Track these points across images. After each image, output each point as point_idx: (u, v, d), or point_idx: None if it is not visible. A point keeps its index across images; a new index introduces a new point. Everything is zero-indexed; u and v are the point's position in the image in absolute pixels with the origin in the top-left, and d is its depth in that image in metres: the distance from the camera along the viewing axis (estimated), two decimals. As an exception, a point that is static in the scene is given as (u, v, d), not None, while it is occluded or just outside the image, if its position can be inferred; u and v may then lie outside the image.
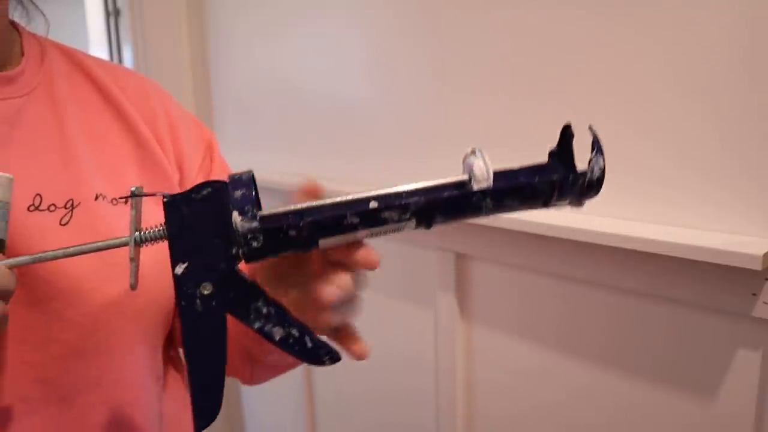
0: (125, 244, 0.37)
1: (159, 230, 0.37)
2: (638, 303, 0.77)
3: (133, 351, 0.51)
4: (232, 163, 0.68)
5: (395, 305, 1.12)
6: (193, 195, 0.36)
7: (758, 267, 0.60)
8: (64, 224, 0.48)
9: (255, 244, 0.35)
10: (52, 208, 0.48)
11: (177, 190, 0.57)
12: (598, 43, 0.75)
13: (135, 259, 0.37)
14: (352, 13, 1.09)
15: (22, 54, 0.52)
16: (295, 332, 0.38)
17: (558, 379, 0.88)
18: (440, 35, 0.94)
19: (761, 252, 0.60)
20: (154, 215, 0.50)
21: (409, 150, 1.02)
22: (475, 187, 0.36)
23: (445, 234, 0.97)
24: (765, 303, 0.64)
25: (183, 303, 0.37)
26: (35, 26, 0.57)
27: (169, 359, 0.59)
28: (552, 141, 0.39)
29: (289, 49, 1.27)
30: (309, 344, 0.38)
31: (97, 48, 1.71)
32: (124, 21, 1.56)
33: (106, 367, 0.49)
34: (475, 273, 0.96)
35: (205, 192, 0.36)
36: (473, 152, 0.38)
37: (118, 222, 0.51)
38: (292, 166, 1.33)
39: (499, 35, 0.85)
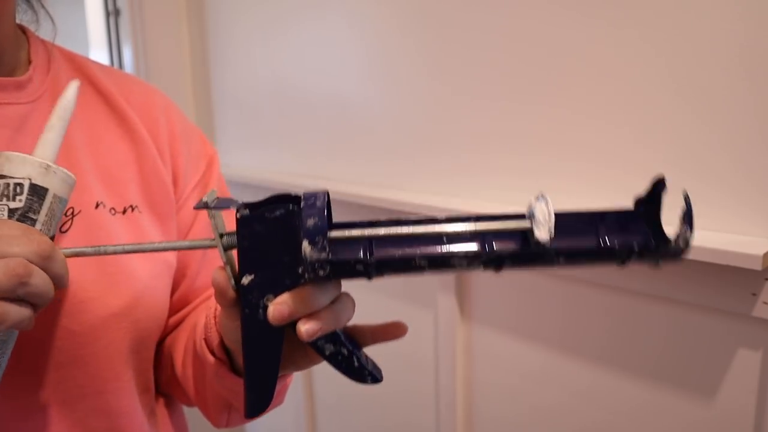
0: (212, 246, 0.39)
1: (233, 240, 0.39)
2: (638, 303, 0.77)
3: (129, 361, 0.52)
4: (232, 162, 0.68)
5: (395, 305, 1.12)
6: (266, 214, 0.37)
7: (758, 267, 0.60)
8: (64, 232, 0.48)
9: (321, 273, 0.36)
10: (59, 225, 0.48)
11: (173, 201, 0.58)
12: (597, 46, 0.75)
13: (229, 262, 0.39)
14: (352, 13, 1.09)
15: (30, 60, 0.52)
16: (344, 351, 0.40)
17: (558, 379, 0.88)
18: (440, 36, 0.94)
19: (761, 252, 0.60)
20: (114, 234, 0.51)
21: (409, 150, 1.02)
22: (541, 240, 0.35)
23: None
24: (765, 303, 0.64)
25: (246, 311, 0.38)
26: (43, 32, 0.57)
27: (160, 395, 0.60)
28: (550, 141, 0.39)
29: (289, 49, 1.27)
30: (355, 364, 0.41)
31: (97, 48, 1.71)
32: (124, 21, 1.56)
33: (103, 376, 0.50)
34: (475, 273, 0.96)
35: (278, 213, 0.37)
36: (537, 199, 0.36)
37: (116, 230, 0.51)
38: (292, 166, 1.33)
39: (498, 37, 0.86)
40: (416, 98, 0.99)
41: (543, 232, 0.34)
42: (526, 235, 0.35)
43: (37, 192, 0.39)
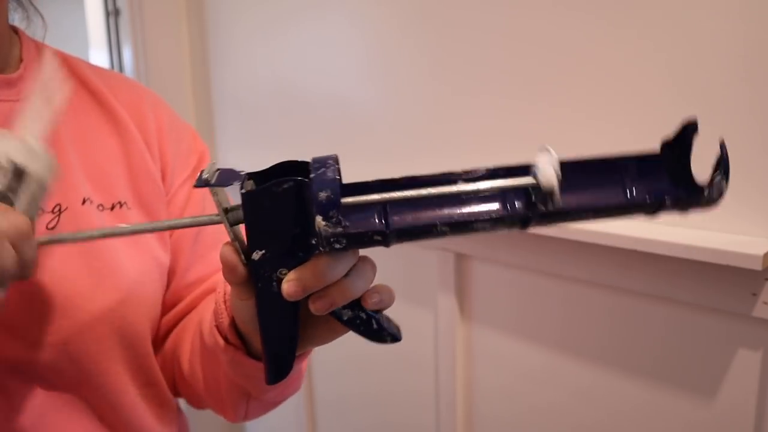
0: (217, 222, 0.37)
1: (240, 215, 0.37)
2: (638, 303, 0.77)
3: (121, 357, 0.51)
4: (232, 163, 0.68)
5: (395, 305, 1.12)
6: (273, 188, 0.34)
7: (758, 267, 0.60)
8: (51, 228, 0.48)
9: (337, 246, 0.34)
10: (39, 212, 0.48)
11: (163, 195, 0.57)
12: (596, 45, 0.75)
13: (237, 238, 0.37)
14: (352, 13, 1.09)
15: (21, 59, 0.52)
16: (363, 315, 0.39)
17: (558, 379, 0.88)
18: (440, 35, 0.94)
19: (761, 252, 0.60)
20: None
21: (409, 150, 1.02)
22: (549, 209, 0.34)
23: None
24: (765, 303, 0.64)
25: (259, 285, 0.37)
26: (34, 30, 0.57)
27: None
28: (549, 141, 0.38)
29: (289, 49, 1.27)
30: (374, 326, 0.40)
31: (97, 48, 1.71)
32: (124, 21, 1.56)
33: (95, 372, 0.50)
34: (475, 273, 0.96)
35: (286, 186, 0.34)
36: (546, 151, 0.35)
37: (103, 226, 0.51)
38: (292, 166, 1.33)
39: (498, 36, 0.85)
40: (416, 98, 0.99)
41: (547, 172, 0.33)
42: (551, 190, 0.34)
43: (18, 173, 0.38)
